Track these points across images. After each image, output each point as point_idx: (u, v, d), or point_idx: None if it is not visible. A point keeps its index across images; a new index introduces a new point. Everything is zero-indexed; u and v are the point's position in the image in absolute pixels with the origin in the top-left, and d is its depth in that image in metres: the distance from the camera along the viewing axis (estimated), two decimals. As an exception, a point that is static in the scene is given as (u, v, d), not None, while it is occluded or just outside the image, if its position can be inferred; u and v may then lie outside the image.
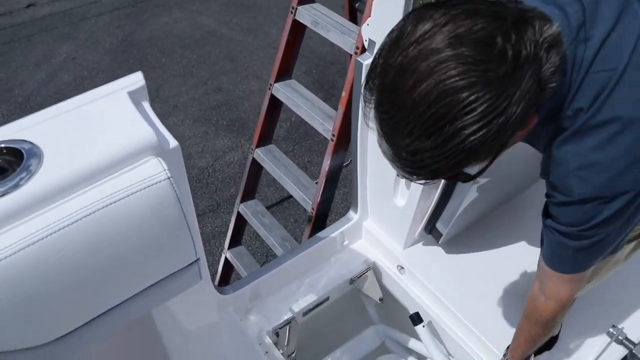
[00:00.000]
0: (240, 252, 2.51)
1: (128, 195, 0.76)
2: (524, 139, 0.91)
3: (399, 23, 0.73)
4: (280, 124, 3.86)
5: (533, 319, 1.17)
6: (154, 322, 1.21)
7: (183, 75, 4.37)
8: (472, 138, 0.69)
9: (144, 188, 0.77)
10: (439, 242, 1.73)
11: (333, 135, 1.86)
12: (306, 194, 2.06)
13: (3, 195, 0.72)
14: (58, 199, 0.74)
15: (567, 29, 0.77)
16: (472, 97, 0.67)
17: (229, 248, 2.52)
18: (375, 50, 0.76)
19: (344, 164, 2.03)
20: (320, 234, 1.80)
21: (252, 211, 2.35)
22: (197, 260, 0.91)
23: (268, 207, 3.23)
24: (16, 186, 0.72)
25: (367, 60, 1.51)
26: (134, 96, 0.88)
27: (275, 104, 2.13)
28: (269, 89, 2.07)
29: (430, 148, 0.71)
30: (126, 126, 0.82)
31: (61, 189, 0.74)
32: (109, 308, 0.82)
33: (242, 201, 2.38)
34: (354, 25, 1.82)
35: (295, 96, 2.01)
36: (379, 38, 1.47)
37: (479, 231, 1.82)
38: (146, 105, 0.89)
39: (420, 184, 0.86)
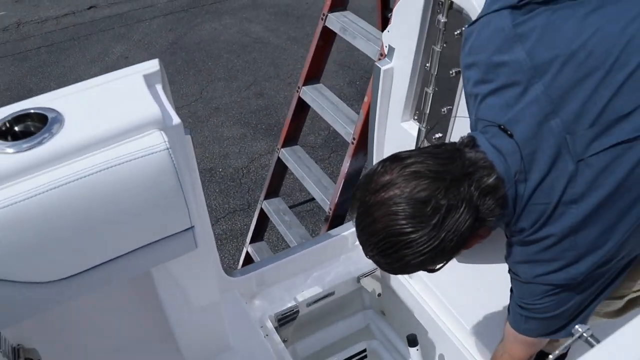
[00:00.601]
0: (260, 247, 2.64)
1: (131, 160, 0.89)
2: None
3: (373, 167, 1.04)
4: (318, 132, 4.01)
5: None
6: (158, 294, 1.34)
7: (227, 79, 4.59)
8: (414, 262, 0.99)
9: (146, 155, 0.90)
10: (446, 247, 1.79)
11: (354, 139, 1.97)
12: (326, 195, 2.17)
13: (28, 149, 0.87)
14: (72, 158, 0.88)
15: (507, 175, 1.00)
16: (409, 239, 0.96)
17: (250, 242, 2.66)
18: (359, 181, 1.07)
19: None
20: (333, 231, 1.90)
21: (274, 208, 2.48)
22: (192, 227, 1.03)
23: (293, 207, 3.35)
24: (39, 143, 0.88)
25: (384, 66, 1.60)
26: (148, 79, 1.02)
27: (303, 106, 2.26)
28: (297, 91, 2.21)
29: (385, 262, 1.03)
30: (136, 103, 0.96)
31: (75, 150, 0.88)
32: (110, 259, 0.95)
33: (265, 198, 2.51)
34: (380, 32, 1.92)
35: (321, 99, 2.14)
36: (398, 44, 1.56)
37: (492, 240, 1.87)
38: (159, 87, 1.03)
39: None
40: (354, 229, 1.89)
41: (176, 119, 0.98)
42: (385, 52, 1.63)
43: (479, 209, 0.99)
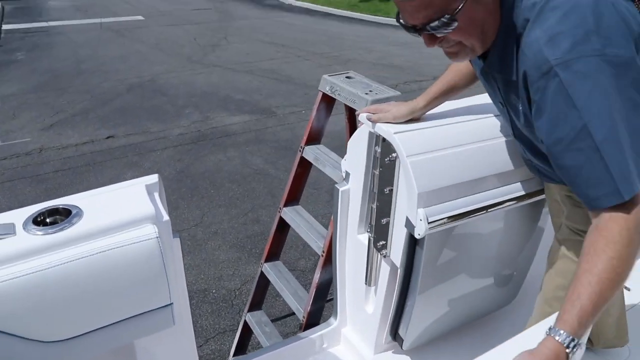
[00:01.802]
0: (242, 360, 2.84)
1: (128, 245, 1.24)
2: (497, 70, 1.23)
3: None
4: (308, 257, 4.33)
5: (600, 244, 0.97)
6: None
7: (227, 206, 5.03)
8: None
9: (139, 242, 1.25)
10: (403, 348, 2.03)
11: (323, 252, 2.30)
12: (300, 304, 2.44)
13: (53, 233, 1.23)
14: (83, 242, 1.24)
15: None
16: None
17: (234, 355, 2.86)
18: None
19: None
20: (302, 334, 2.16)
21: (256, 320, 2.73)
22: (171, 304, 1.34)
23: (275, 320, 3.55)
24: (61, 230, 1.24)
25: (342, 187, 2.00)
26: (148, 188, 1.41)
27: (283, 225, 2.62)
28: (279, 212, 2.59)
29: None
30: (137, 204, 1.33)
31: (86, 236, 1.24)
32: (97, 327, 1.24)
33: (249, 311, 2.77)
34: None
35: (298, 219, 2.51)
36: (352, 170, 1.97)
37: (447, 343, 2.10)
38: (156, 194, 1.42)
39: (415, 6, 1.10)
40: (320, 332, 2.17)
41: (165, 217, 1.35)
42: (343, 176, 2.03)
43: None
